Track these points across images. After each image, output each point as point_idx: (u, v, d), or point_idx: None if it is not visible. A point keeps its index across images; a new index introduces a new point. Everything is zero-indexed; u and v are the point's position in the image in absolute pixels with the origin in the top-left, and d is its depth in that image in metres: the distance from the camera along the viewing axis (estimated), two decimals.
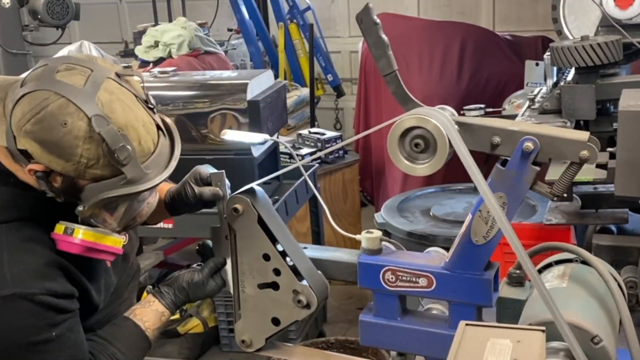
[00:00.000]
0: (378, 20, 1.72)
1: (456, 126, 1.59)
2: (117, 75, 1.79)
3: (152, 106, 1.83)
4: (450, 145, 1.56)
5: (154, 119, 1.82)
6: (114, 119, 1.70)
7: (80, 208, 1.80)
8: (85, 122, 1.67)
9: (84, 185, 1.77)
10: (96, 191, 1.77)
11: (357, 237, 1.79)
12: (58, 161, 1.70)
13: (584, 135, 1.54)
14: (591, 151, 1.53)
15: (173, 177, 1.96)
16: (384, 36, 1.73)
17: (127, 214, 1.89)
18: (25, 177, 1.82)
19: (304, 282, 1.73)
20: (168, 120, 1.93)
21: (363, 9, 1.73)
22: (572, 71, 2.57)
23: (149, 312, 2.05)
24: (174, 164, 1.86)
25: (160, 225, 2.83)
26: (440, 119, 1.58)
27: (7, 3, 5.87)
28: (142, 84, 1.85)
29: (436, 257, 1.78)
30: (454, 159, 1.60)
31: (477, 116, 2.28)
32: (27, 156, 1.74)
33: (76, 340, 1.92)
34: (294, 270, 1.73)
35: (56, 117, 1.67)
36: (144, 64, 6.05)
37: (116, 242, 1.89)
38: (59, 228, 1.82)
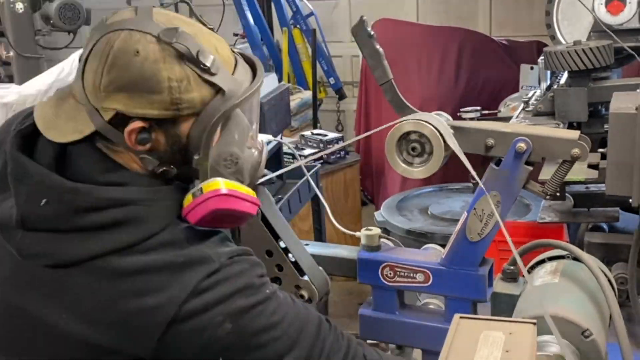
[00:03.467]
0: (373, 32, 1.73)
1: (451, 130, 1.60)
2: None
3: (210, 26, 1.60)
4: (446, 149, 1.57)
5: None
6: (182, 29, 1.48)
7: (196, 157, 1.53)
8: (154, 42, 1.46)
9: (187, 131, 1.51)
10: (201, 127, 1.51)
11: (357, 234, 1.80)
12: (151, 99, 1.45)
13: (574, 134, 1.55)
14: (582, 149, 1.53)
15: None
16: (378, 47, 1.74)
17: (241, 154, 1.57)
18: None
19: (306, 278, 1.73)
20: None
21: (357, 22, 1.73)
22: (565, 75, 2.57)
23: None
24: (264, 76, 1.61)
25: None
26: (437, 124, 1.59)
27: (21, 8, 5.88)
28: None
29: (433, 254, 1.78)
30: (450, 161, 1.61)
31: (474, 118, 2.28)
32: (120, 121, 1.47)
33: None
34: (296, 266, 1.74)
35: (126, 51, 1.45)
36: None
37: (250, 191, 1.57)
38: (187, 199, 1.52)
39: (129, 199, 1.49)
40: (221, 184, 1.51)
